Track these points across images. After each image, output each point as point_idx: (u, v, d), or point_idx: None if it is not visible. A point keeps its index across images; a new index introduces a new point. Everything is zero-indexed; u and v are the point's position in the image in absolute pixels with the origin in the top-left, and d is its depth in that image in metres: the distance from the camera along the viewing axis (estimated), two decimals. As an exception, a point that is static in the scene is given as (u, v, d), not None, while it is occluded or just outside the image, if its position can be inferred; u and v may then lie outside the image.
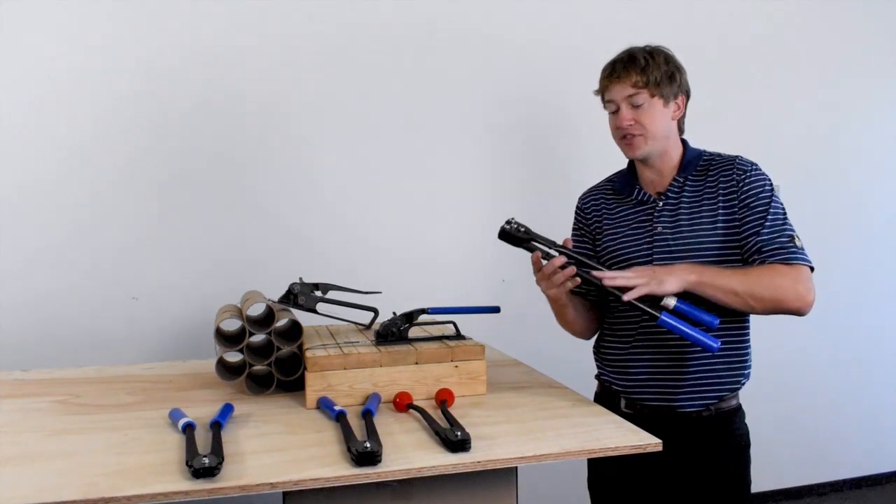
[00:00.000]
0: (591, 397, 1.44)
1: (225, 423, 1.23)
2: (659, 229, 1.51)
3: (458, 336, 1.53)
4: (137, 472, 1.05)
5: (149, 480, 1.02)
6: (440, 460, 1.10)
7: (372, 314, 1.63)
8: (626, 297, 1.34)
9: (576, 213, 1.70)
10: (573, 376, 1.71)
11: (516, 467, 1.18)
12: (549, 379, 1.60)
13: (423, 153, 2.36)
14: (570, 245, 1.41)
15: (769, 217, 1.44)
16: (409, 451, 1.13)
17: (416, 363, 1.42)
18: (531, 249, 1.40)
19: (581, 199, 1.70)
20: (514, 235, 1.40)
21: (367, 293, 1.61)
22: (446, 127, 2.37)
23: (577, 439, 1.19)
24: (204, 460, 1.03)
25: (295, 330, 1.53)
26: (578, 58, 2.45)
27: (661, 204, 1.52)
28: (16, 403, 1.42)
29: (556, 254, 1.38)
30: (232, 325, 1.55)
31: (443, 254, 2.39)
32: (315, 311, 1.57)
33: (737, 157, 1.51)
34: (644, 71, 1.46)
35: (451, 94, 2.37)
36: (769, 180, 1.48)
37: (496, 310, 1.67)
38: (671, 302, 1.35)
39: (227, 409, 1.30)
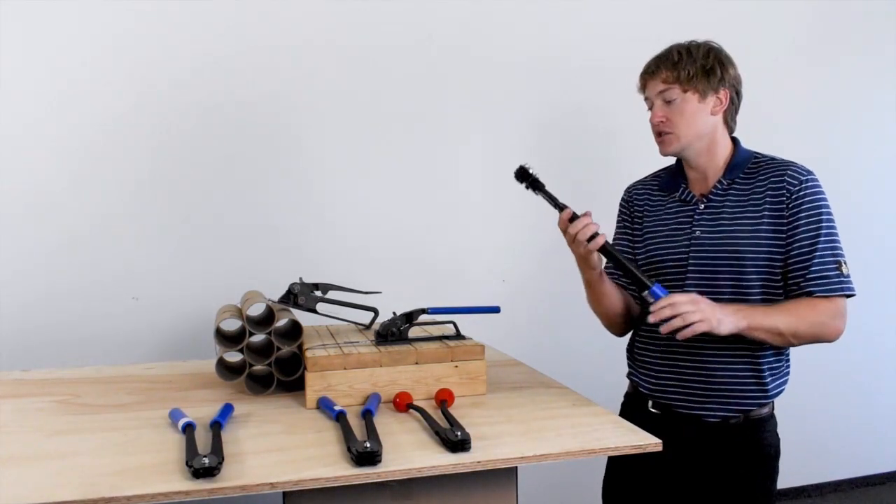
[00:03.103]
0: (591, 398, 1.44)
1: (225, 423, 1.23)
2: (697, 233, 1.45)
3: (458, 336, 1.53)
4: (137, 472, 1.05)
5: (149, 480, 1.02)
6: (440, 460, 1.10)
7: (372, 314, 1.63)
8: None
9: (621, 204, 1.64)
10: (574, 376, 1.71)
11: (516, 467, 1.18)
12: (549, 379, 1.60)
13: (424, 154, 2.36)
14: (589, 216, 1.39)
15: (820, 243, 1.38)
16: (409, 451, 1.13)
17: (416, 363, 1.42)
18: (548, 196, 1.40)
19: (627, 190, 1.64)
20: (532, 176, 1.42)
21: (367, 293, 1.61)
22: (447, 129, 2.37)
23: (577, 439, 1.19)
24: (204, 460, 1.03)
25: (295, 330, 1.53)
26: (584, 63, 2.46)
27: (702, 206, 1.47)
28: (16, 403, 1.42)
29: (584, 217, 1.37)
30: (232, 325, 1.55)
31: (443, 254, 2.39)
32: (315, 311, 1.57)
33: (790, 164, 1.43)
34: (675, 66, 1.43)
35: (450, 97, 2.37)
36: (823, 193, 1.41)
37: (496, 310, 1.67)
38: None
39: (227, 409, 1.30)
